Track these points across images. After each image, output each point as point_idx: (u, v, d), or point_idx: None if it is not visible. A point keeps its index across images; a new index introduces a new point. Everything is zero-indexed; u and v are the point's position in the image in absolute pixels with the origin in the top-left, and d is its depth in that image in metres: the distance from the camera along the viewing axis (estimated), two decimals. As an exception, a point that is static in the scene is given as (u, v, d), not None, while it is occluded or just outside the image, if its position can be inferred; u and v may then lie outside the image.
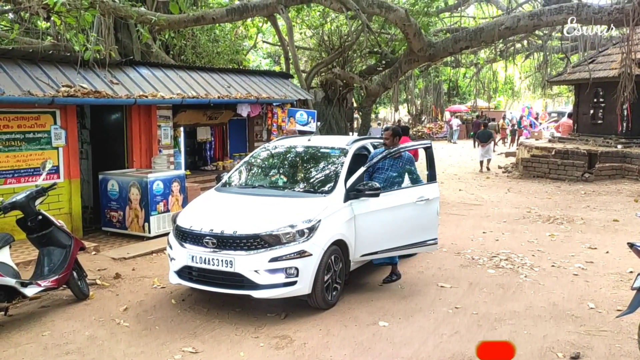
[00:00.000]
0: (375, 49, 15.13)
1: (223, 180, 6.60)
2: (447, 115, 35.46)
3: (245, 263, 5.03)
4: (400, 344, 4.65)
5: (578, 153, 14.48)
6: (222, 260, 5.10)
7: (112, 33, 10.66)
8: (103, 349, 4.61)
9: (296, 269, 5.07)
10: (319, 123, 12.31)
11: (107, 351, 4.57)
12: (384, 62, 15.12)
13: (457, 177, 16.16)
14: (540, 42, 19.41)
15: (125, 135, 9.14)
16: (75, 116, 8.16)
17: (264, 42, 21.40)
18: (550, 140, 17.99)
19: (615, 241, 8.06)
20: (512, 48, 20.41)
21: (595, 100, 15.93)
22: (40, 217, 5.45)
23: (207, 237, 5.21)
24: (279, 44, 15.94)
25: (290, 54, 12.90)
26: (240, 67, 15.36)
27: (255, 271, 5.01)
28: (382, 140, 6.74)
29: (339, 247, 5.53)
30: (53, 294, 5.70)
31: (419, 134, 31.75)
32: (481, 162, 17.73)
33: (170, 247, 5.58)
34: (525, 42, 20.21)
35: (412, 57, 12.52)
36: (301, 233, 5.17)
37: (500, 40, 15.25)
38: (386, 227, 5.96)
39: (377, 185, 5.74)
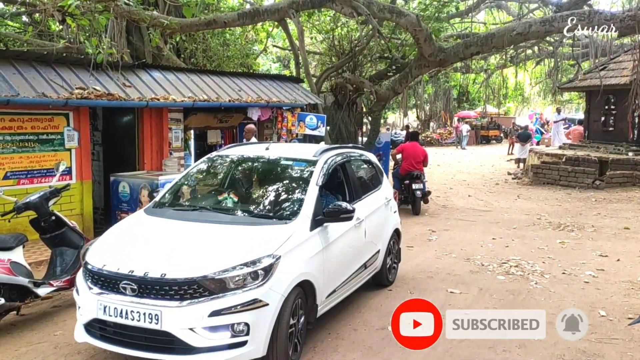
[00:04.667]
0: (385, 54, 15.15)
1: (157, 199, 5.20)
2: (455, 120, 35.37)
3: (176, 318, 3.73)
4: (409, 349, 4.63)
5: (589, 160, 14.40)
6: (144, 314, 3.76)
7: (124, 36, 10.78)
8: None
9: (246, 324, 3.80)
10: (328, 127, 12.34)
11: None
12: (394, 67, 15.14)
13: (466, 183, 16.12)
14: (551, 48, 19.33)
15: (137, 137, 9.21)
16: (88, 118, 8.24)
17: (274, 46, 21.48)
18: (560, 147, 17.91)
19: (627, 249, 8.01)
20: (523, 54, 20.36)
21: (606, 107, 15.84)
22: (53, 217, 5.50)
23: (125, 281, 3.85)
24: (289, 48, 16.01)
25: (300, 58, 12.95)
26: (250, 70, 15.43)
27: (191, 329, 3.71)
28: (358, 151, 6.29)
29: (304, 290, 4.35)
30: (65, 293, 5.74)
31: (428, 139, 31.72)
32: (518, 159, 19.66)
33: (77, 291, 4.21)
34: (536, 48, 20.14)
35: (422, 62, 12.52)
36: (254, 275, 3.89)
37: (511, 46, 15.22)
38: (355, 247, 5.33)
39: (350, 207, 4.77)
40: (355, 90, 14.23)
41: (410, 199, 11.02)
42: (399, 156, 11.65)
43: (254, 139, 9.96)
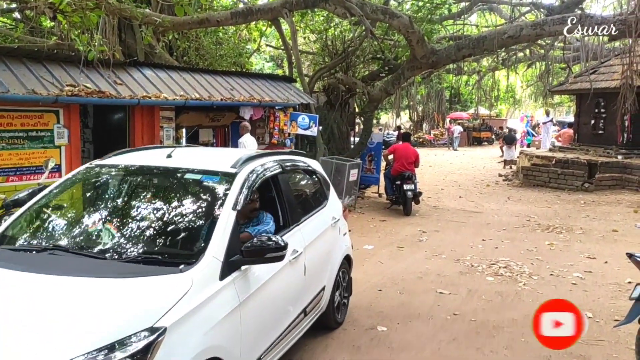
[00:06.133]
0: (378, 55, 15.18)
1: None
2: (447, 122, 35.52)
3: None
4: (398, 349, 4.66)
5: (578, 163, 14.51)
6: None
7: (116, 33, 10.72)
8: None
9: None
10: (320, 127, 12.35)
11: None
12: (386, 68, 15.17)
13: (457, 184, 16.19)
14: (542, 51, 19.46)
15: (128, 135, 9.16)
16: (78, 115, 8.18)
17: (267, 45, 21.46)
18: (550, 150, 18.03)
19: (615, 251, 8.08)
20: (514, 57, 20.48)
21: (596, 110, 15.96)
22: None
23: None
24: (282, 47, 15.99)
25: (293, 57, 12.94)
26: (243, 70, 15.40)
27: None
28: (297, 158, 4.91)
29: None
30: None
31: (420, 140, 31.82)
32: (505, 161, 20.72)
33: None
34: (527, 51, 20.27)
35: (414, 64, 12.56)
36: None
37: (503, 49, 15.31)
38: (291, 290, 4.02)
39: (282, 241, 3.34)
40: (348, 90, 14.25)
41: (402, 200, 11.06)
42: (390, 157, 11.68)
43: (248, 136, 9.96)
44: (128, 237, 3.43)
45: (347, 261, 5.38)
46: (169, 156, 4.00)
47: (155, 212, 3.68)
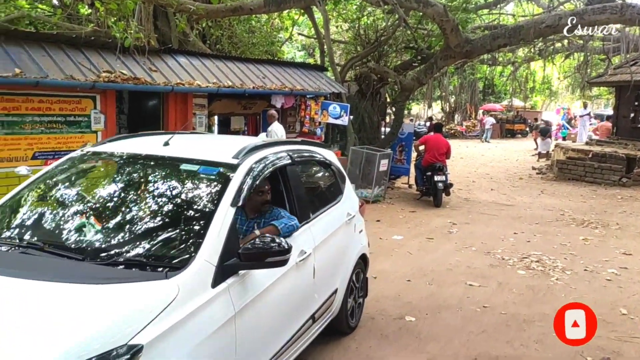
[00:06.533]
0: (411, 44, 15.01)
1: None
2: (480, 113, 34.95)
3: None
4: (426, 339, 4.65)
5: (616, 157, 14.11)
6: None
7: (151, 21, 10.86)
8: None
9: None
10: (351, 117, 12.31)
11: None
12: (419, 57, 14.98)
13: (489, 176, 15.95)
14: (581, 41, 18.89)
15: (162, 121, 9.30)
16: (114, 101, 8.35)
17: (299, 34, 21.43)
18: (587, 143, 17.58)
19: (652, 248, 7.86)
20: (552, 47, 19.95)
21: (636, 103, 15.49)
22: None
23: None
24: (315, 36, 15.95)
25: (325, 46, 12.91)
26: (275, 58, 15.43)
27: None
28: (310, 148, 4.41)
29: None
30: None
31: (452, 131, 31.42)
32: (539, 153, 20.50)
33: None
34: (565, 41, 19.71)
35: (448, 53, 12.37)
36: None
37: (540, 39, 14.94)
38: (297, 296, 3.60)
39: (285, 243, 2.89)
40: (380, 80, 14.15)
41: (432, 191, 10.96)
42: (421, 147, 11.57)
43: (276, 124, 9.96)
44: (111, 236, 2.96)
45: (363, 261, 4.96)
46: (167, 144, 3.55)
47: (143, 207, 3.24)
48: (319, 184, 4.87)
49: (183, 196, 3.28)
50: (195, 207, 3.20)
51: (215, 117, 10.50)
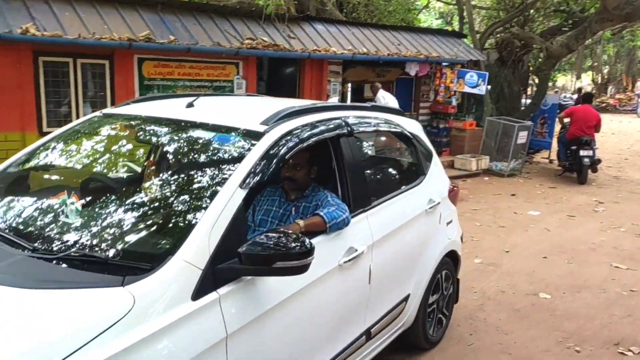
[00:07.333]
0: (561, 7, 13.82)
1: None
2: (637, 85, 31.34)
3: None
4: (562, 316, 4.38)
5: None
6: None
7: (291, -11, 11.15)
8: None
9: None
10: (489, 86, 11.72)
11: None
12: (570, 22, 13.74)
13: (645, 154, 14.36)
14: None
15: (297, 88, 9.60)
16: (255, 68, 8.77)
17: (437, 0, 20.70)
18: None
19: None
20: None
21: None
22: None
23: None
24: (453, 2, 15.31)
25: (465, 11, 12.35)
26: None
27: None
28: (380, 116, 3.45)
29: None
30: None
31: (603, 104, 28.62)
32: None
33: None
34: None
35: (605, 16, 11.19)
36: None
37: None
38: (342, 306, 2.72)
39: (309, 243, 2.06)
40: (523, 46, 13.22)
41: (576, 167, 10.14)
42: (567, 120, 10.72)
43: (381, 92, 9.51)
44: (79, 220, 2.27)
45: (452, 259, 3.97)
46: (190, 105, 2.87)
47: (132, 186, 2.66)
48: (389, 161, 4.10)
49: (185, 172, 2.54)
50: (194, 187, 2.39)
51: (349, 85, 10.59)
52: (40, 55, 6.67)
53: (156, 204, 2.37)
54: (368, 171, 3.39)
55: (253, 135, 2.46)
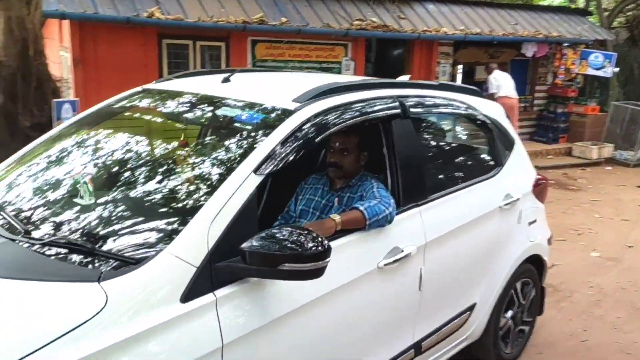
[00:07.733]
0: None
1: None
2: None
3: None
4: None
5: None
6: None
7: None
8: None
9: None
10: (616, 69, 10.78)
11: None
12: None
13: None
14: None
15: (405, 70, 9.44)
16: (364, 49, 8.76)
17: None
18: None
19: None
20: None
21: None
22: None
23: None
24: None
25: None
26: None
27: None
28: (446, 95, 2.98)
29: None
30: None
31: None
32: None
33: None
34: None
35: None
36: None
37: None
38: (383, 314, 2.36)
39: (325, 242, 1.70)
40: (659, 24, 12.02)
41: None
42: None
43: (494, 74, 9.04)
44: (81, 204, 2.02)
45: (536, 265, 3.41)
46: (226, 80, 2.61)
47: (144, 167, 2.35)
48: (457, 149, 3.61)
49: (197, 155, 2.33)
50: (203, 172, 2.14)
51: (460, 67, 10.24)
52: (163, 37, 7.15)
53: (158, 190, 2.09)
54: (428, 160, 2.92)
55: (280, 114, 2.13)
